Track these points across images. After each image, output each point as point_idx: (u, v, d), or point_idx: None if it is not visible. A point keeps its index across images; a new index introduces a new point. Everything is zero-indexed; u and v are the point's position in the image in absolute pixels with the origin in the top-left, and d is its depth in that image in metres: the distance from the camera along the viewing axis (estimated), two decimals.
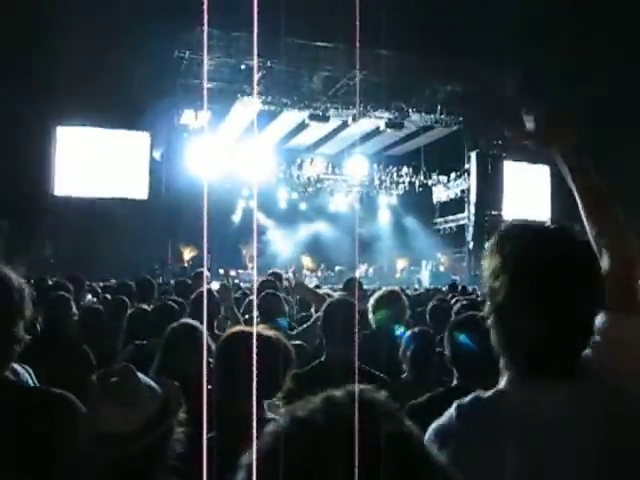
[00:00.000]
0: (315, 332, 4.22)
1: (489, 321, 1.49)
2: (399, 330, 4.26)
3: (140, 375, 2.54)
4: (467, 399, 1.46)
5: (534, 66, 20.33)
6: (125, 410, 2.33)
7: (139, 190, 22.52)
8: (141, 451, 1.84)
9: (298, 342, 4.66)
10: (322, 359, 3.50)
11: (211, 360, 2.74)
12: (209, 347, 2.65)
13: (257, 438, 0.76)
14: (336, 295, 5.18)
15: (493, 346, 1.50)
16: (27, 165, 19.35)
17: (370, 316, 4.77)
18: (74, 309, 4.89)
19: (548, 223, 1.53)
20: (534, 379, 1.42)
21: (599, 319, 1.50)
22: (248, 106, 22.12)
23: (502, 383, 1.49)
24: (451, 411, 1.45)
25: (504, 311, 1.45)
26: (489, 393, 1.46)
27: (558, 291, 1.39)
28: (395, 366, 3.96)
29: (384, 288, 5.42)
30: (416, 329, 4.29)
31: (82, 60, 17.72)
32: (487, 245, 1.53)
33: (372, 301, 4.87)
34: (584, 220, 1.66)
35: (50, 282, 7.66)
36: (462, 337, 2.94)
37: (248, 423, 0.81)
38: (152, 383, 2.56)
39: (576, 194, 1.69)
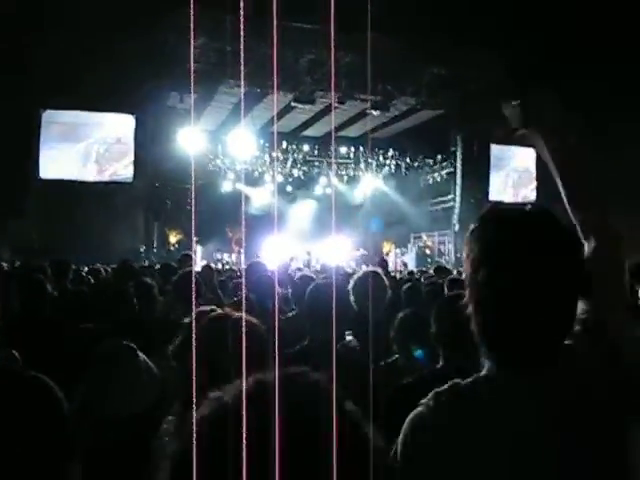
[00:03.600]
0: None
1: (468, 309, 1.45)
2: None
3: (141, 356, 2.55)
4: (445, 387, 1.43)
5: (522, 50, 20.31)
6: (123, 394, 2.34)
7: (124, 173, 22.39)
8: (133, 435, 1.85)
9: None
10: (305, 343, 3.47)
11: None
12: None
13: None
14: None
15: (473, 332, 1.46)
16: (12, 148, 19.17)
17: (351, 298, 4.73)
18: (49, 291, 4.91)
19: (529, 207, 1.47)
20: (514, 368, 1.39)
21: (581, 307, 1.46)
22: (234, 88, 22.00)
23: (482, 372, 1.46)
24: (428, 400, 1.42)
25: (483, 299, 1.41)
26: (468, 381, 1.43)
27: (540, 278, 1.35)
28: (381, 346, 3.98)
29: (363, 269, 5.42)
30: (407, 311, 4.31)
31: (67, 43, 17.54)
32: (468, 231, 1.49)
33: (352, 283, 4.83)
34: (566, 201, 1.62)
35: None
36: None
37: None
38: (152, 366, 2.57)
39: (556, 173, 1.65)
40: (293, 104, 23.12)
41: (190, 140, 21.41)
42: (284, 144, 26.94)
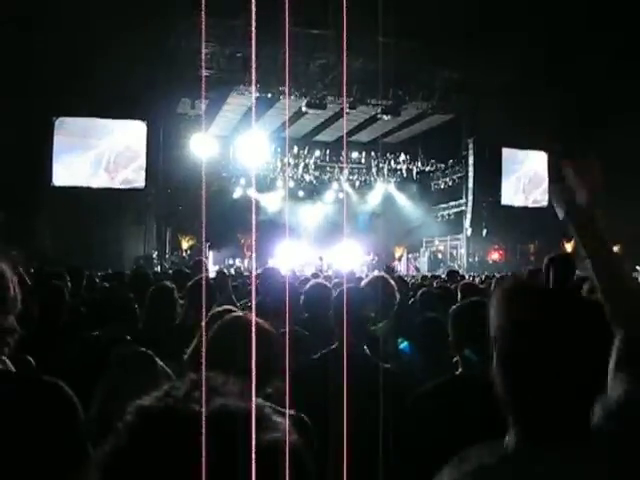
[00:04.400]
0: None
1: (495, 371, 1.40)
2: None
3: (159, 363, 2.55)
4: (469, 465, 1.36)
5: (532, 53, 20.29)
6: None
7: (136, 179, 22.46)
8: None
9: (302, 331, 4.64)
10: (333, 347, 3.44)
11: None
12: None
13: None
14: None
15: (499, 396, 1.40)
16: (25, 156, 19.28)
17: None
18: (67, 298, 4.94)
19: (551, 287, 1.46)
20: (542, 441, 1.33)
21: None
22: (245, 94, 22.07)
23: (508, 442, 1.39)
24: (454, 470, 1.36)
25: (515, 363, 1.37)
26: (493, 460, 1.36)
27: (574, 352, 1.32)
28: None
29: (373, 273, 5.38)
30: (427, 316, 4.28)
31: (78, 50, 17.65)
32: (492, 300, 1.44)
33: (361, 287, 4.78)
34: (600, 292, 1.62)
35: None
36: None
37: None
38: (170, 372, 2.57)
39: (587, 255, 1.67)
40: (304, 109, 23.16)
41: (202, 146, 21.46)
42: (295, 149, 26.98)
